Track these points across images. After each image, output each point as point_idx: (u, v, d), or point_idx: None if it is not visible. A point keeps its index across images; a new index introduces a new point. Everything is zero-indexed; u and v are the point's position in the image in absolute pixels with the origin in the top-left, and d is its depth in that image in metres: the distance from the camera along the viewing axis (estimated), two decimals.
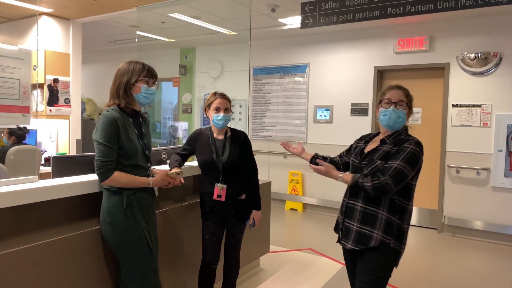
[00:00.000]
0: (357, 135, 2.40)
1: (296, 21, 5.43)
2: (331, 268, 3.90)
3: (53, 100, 5.04)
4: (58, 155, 2.69)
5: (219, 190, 2.55)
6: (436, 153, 5.34)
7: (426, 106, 5.47)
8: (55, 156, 2.48)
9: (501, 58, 4.84)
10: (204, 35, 6.42)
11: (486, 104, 4.95)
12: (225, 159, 2.57)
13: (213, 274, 2.68)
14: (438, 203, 5.31)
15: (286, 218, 5.97)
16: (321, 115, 6.14)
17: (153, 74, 2.16)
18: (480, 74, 4.97)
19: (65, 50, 5.28)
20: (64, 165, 2.47)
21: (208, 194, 2.59)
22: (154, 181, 2.14)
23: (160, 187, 2.25)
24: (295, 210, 6.35)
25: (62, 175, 2.35)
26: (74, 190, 2.12)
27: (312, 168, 2.18)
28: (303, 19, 4.36)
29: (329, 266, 3.96)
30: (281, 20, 5.54)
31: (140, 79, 2.10)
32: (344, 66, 5.94)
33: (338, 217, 2.24)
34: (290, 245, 4.62)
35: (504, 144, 4.83)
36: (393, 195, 2.02)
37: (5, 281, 1.69)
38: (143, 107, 2.21)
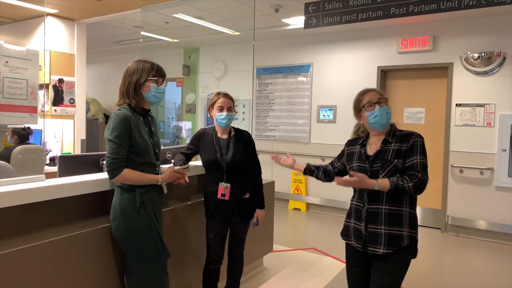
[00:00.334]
0: None
1: (299, 21, 5.44)
2: (335, 267, 3.92)
3: (58, 100, 5.08)
4: (64, 155, 2.72)
5: (223, 189, 2.57)
6: (439, 153, 5.34)
7: (430, 106, 5.47)
8: (61, 155, 2.51)
9: (504, 58, 4.83)
10: (207, 36, 6.45)
11: (489, 103, 4.94)
12: (229, 158, 2.59)
13: (217, 273, 2.70)
14: (442, 203, 5.30)
15: (289, 217, 5.98)
16: (324, 115, 6.15)
17: (162, 73, 2.19)
18: (483, 73, 4.97)
19: (70, 50, 5.32)
20: (70, 164, 2.50)
21: (212, 193, 2.62)
22: (162, 178, 2.17)
23: (171, 186, 2.28)
24: (299, 209, 6.36)
25: (68, 174, 2.39)
26: (82, 188, 2.15)
27: (338, 182, 2.04)
28: (307, 19, 4.37)
29: (332, 266, 3.97)
30: (284, 20, 5.55)
31: (149, 79, 2.13)
32: (347, 66, 5.95)
33: (354, 223, 2.15)
34: (293, 244, 4.63)
35: (507, 143, 4.82)
36: None
37: (14, 278, 1.72)
38: (152, 106, 2.24)
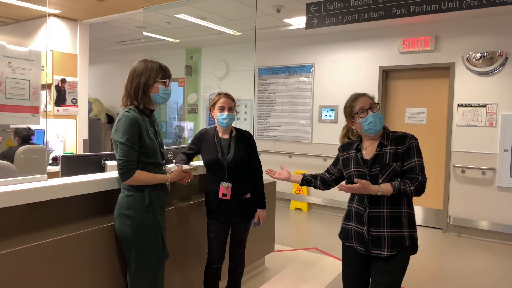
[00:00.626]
0: None
1: (301, 21, 5.44)
2: (336, 267, 3.92)
3: (60, 100, 5.10)
4: (66, 155, 2.73)
5: (225, 189, 2.58)
6: (441, 153, 5.33)
7: (432, 106, 5.46)
8: (64, 155, 2.53)
9: (506, 58, 4.82)
10: (209, 36, 6.46)
11: (491, 104, 4.93)
12: (230, 158, 2.60)
13: (218, 273, 2.70)
14: (444, 203, 5.30)
15: (291, 217, 5.99)
16: (326, 115, 6.15)
17: (169, 75, 2.21)
18: (485, 74, 4.96)
19: (72, 50, 5.34)
20: (72, 164, 2.51)
21: (213, 193, 2.63)
22: (170, 177, 2.20)
23: (172, 185, 2.30)
24: (300, 209, 6.36)
25: (70, 174, 2.40)
26: (85, 188, 2.16)
27: (341, 189, 2.04)
28: (308, 20, 4.37)
29: (333, 265, 3.97)
30: (286, 20, 5.56)
31: (158, 80, 2.13)
32: (349, 66, 5.95)
33: (354, 226, 2.14)
34: (295, 244, 4.64)
35: (509, 144, 4.81)
36: None
37: (17, 277, 1.73)
38: (156, 106, 2.24)
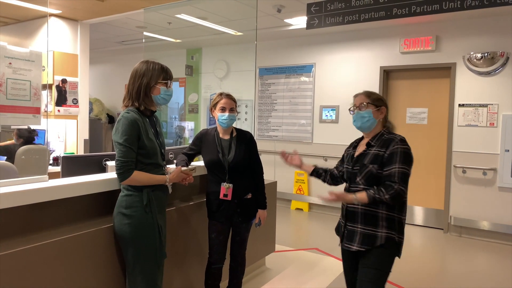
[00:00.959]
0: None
1: (302, 21, 5.44)
2: (337, 267, 3.91)
3: (61, 100, 5.11)
4: (67, 155, 2.74)
5: (225, 190, 2.58)
6: (442, 153, 5.33)
7: (432, 106, 5.46)
8: (65, 156, 2.53)
9: (507, 58, 4.82)
10: (210, 36, 6.46)
11: (492, 104, 4.93)
12: (231, 159, 2.60)
13: (219, 273, 2.70)
14: (444, 203, 5.29)
15: (291, 217, 5.98)
16: (327, 115, 6.15)
17: (171, 76, 2.21)
18: (486, 74, 4.95)
19: (73, 51, 5.34)
20: (73, 164, 2.51)
21: (214, 194, 2.63)
22: (170, 178, 2.20)
23: (173, 186, 2.30)
24: (301, 210, 6.36)
25: (71, 175, 2.40)
26: (86, 189, 2.16)
27: (322, 199, 2.13)
28: (309, 20, 4.37)
29: (334, 266, 3.97)
30: (287, 20, 5.56)
31: (159, 81, 2.14)
32: (350, 66, 5.95)
33: (340, 219, 2.30)
34: (295, 244, 4.64)
35: (510, 144, 4.81)
36: None
37: (18, 278, 1.73)
38: (158, 107, 2.24)
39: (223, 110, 2.62)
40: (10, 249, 1.72)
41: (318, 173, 2.50)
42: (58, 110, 5.06)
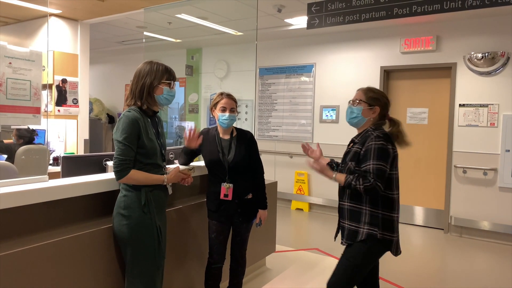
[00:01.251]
0: None
1: (302, 21, 5.44)
2: None
3: (61, 100, 5.10)
4: (67, 155, 2.73)
5: (226, 190, 2.58)
6: (442, 153, 5.32)
7: (433, 106, 5.46)
8: (65, 155, 2.52)
9: (508, 58, 4.81)
10: (210, 36, 6.45)
11: (493, 104, 4.92)
12: (231, 159, 2.59)
13: (219, 273, 2.70)
14: (445, 204, 5.29)
15: (292, 218, 5.98)
16: (327, 115, 6.14)
17: (174, 77, 2.23)
18: (487, 74, 4.95)
19: (73, 50, 5.34)
20: (73, 164, 2.51)
21: (214, 194, 2.62)
22: (168, 178, 2.19)
23: (173, 186, 2.29)
24: (301, 210, 6.36)
25: (71, 175, 2.39)
26: (86, 189, 2.16)
27: (309, 165, 2.30)
28: (309, 20, 4.36)
29: (335, 266, 3.96)
30: (287, 20, 5.55)
31: (163, 81, 2.15)
32: (350, 66, 5.94)
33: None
34: (296, 244, 4.63)
35: (511, 144, 4.80)
36: None
37: (17, 279, 1.73)
38: (161, 108, 2.25)
39: (224, 110, 2.62)
40: (10, 249, 1.72)
41: (331, 166, 2.53)
42: (58, 110, 5.06)
